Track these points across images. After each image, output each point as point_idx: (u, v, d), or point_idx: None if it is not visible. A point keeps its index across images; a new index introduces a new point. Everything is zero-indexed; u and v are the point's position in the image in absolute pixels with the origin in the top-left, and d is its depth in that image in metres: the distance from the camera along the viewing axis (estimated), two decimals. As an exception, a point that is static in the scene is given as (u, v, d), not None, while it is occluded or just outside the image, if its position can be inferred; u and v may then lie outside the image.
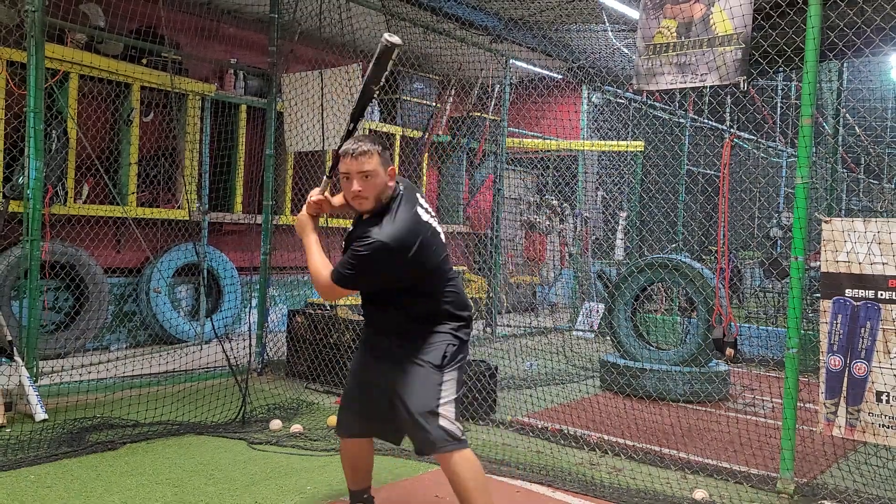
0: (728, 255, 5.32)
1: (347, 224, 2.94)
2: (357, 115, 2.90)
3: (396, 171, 2.85)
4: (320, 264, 2.80)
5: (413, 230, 2.69)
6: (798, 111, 3.81)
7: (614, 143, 9.12)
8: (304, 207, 2.94)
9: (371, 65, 2.82)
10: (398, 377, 2.80)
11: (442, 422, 2.70)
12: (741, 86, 3.97)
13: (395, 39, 2.77)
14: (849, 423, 3.58)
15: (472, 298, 8.55)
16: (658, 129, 9.40)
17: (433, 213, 2.92)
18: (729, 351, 4.86)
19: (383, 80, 2.88)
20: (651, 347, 6.26)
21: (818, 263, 4.00)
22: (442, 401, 2.73)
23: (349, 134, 2.87)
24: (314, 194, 2.92)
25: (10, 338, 4.82)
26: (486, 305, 8.53)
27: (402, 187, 2.84)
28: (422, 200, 2.89)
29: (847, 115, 8.67)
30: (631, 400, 5.48)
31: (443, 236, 2.89)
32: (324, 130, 6.02)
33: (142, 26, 6.68)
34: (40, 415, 4.45)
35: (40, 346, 5.01)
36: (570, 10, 6.83)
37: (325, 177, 2.97)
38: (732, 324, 4.96)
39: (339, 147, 2.80)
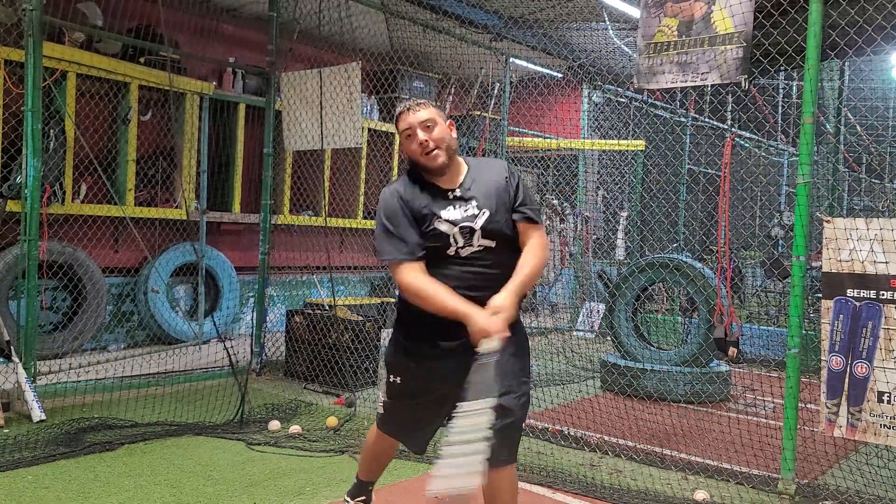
0: (729, 254, 5.30)
1: (346, 223, 2.87)
2: None
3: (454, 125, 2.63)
4: (537, 253, 2.49)
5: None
6: (799, 110, 3.79)
7: (615, 142, 9.09)
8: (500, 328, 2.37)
9: None
10: (506, 386, 2.42)
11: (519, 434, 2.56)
12: (742, 84, 3.95)
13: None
14: (850, 424, 3.56)
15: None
16: (659, 128, 9.37)
17: None
18: (732, 350, 4.84)
19: None
20: (652, 348, 6.24)
21: (820, 263, 3.98)
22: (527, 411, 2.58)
23: None
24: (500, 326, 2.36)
25: (7, 338, 4.81)
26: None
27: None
28: None
29: (849, 114, 8.65)
30: (632, 400, 5.46)
31: None
32: (322, 130, 6.00)
33: (140, 25, 6.66)
34: (38, 415, 4.43)
35: (38, 346, 4.99)
36: (570, 9, 6.80)
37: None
38: (734, 324, 4.94)
39: None
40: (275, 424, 4.58)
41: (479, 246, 2.49)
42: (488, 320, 2.33)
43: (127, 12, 6.42)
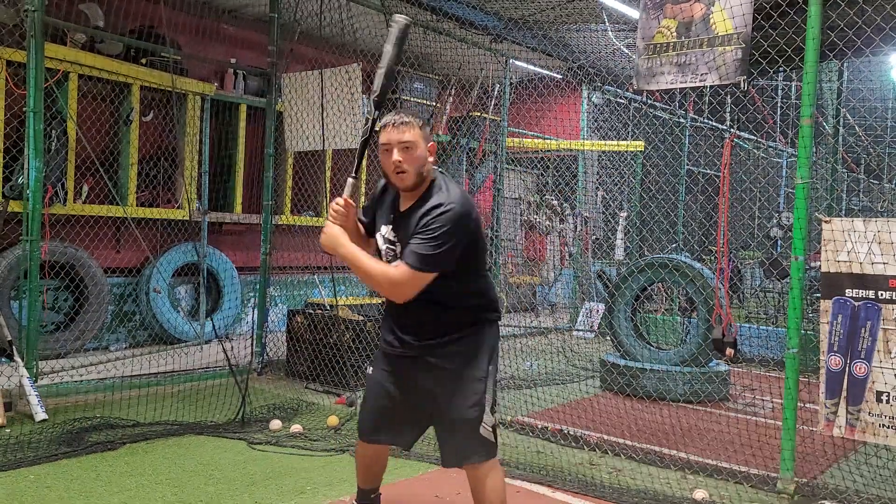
0: (728, 255, 5.32)
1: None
2: (382, 99, 2.77)
3: (435, 149, 2.71)
4: (380, 266, 2.58)
5: (469, 199, 2.63)
6: (798, 111, 3.81)
7: (614, 143, 9.11)
8: (329, 218, 2.70)
9: (392, 46, 2.75)
10: (439, 384, 2.68)
11: (483, 431, 2.64)
12: (741, 85, 3.97)
13: (406, 18, 2.77)
14: (849, 423, 3.57)
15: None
16: (658, 128, 9.39)
17: None
18: (729, 351, 4.86)
19: (398, 60, 2.81)
20: (651, 347, 6.26)
21: (818, 263, 3.99)
22: (486, 411, 2.67)
23: (372, 123, 2.73)
24: (340, 200, 2.71)
25: (9, 338, 4.82)
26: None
27: (437, 169, 2.75)
28: None
29: (847, 114, 8.67)
30: (631, 400, 5.48)
31: None
32: (323, 130, 6.02)
33: (141, 26, 6.67)
34: (40, 415, 4.44)
35: (40, 346, 5.00)
36: (570, 10, 6.82)
37: (349, 178, 2.76)
38: (731, 324, 4.96)
39: (365, 133, 2.70)
40: (276, 424, 4.59)
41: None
42: (337, 206, 2.70)
43: (128, 13, 6.44)
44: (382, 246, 2.74)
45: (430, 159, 2.65)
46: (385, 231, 2.73)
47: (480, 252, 2.70)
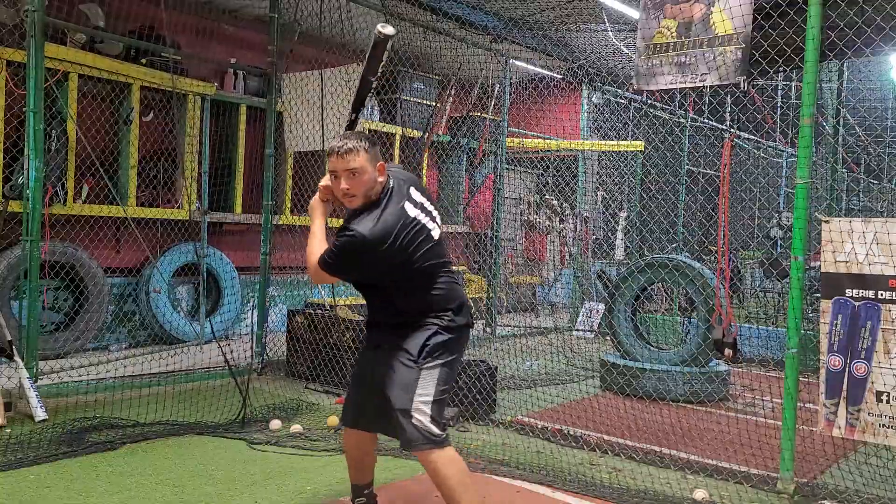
0: (728, 255, 5.32)
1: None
2: (357, 106, 2.91)
3: (385, 167, 2.81)
4: (316, 248, 2.81)
5: (391, 226, 2.67)
6: (798, 111, 3.81)
7: (614, 143, 9.11)
8: (317, 192, 2.93)
9: (367, 56, 2.84)
10: (383, 371, 2.82)
11: (416, 420, 2.71)
12: (741, 86, 3.97)
13: (389, 30, 2.80)
14: (849, 423, 3.57)
15: (472, 298, 8.54)
16: (658, 128, 9.40)
17: (430, 207, 2.88)
18: (728, 352, 4.86)
19: (380, 70, 2.90)
20: (651, 347, 6.26)
21: (818, 263, 4.00)
22: (418, 398, 2.73)
23: (351, 125, 2.89)
24: (324, 181, 2.90)
25: (9, 338, 4.82)
26: (486, 305, 8.53)
27: (392, 183, 2.81)
28: (416, 194, 2.85)
29: (847, 114, 8.67)
30: (631, 400, 5.48)
31: (436, 231, 2.85)
32: (323, 130, 6.02)
33: (142, 26, 6.68)
34: (40, 415, 4.44)
35: (40, 346, 5.00)
36: (570, 10, 6.83)
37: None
38: (732, 324, 4.96)
39: (349, 125, 2.86)
40: (276, 424, 4.59)
41: None
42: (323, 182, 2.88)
43: (128, 13, 6.44)
44: None
45: (381, 179, 2.77)
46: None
47: (415, 271, 2.78)
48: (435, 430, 2.72)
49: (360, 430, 3.01)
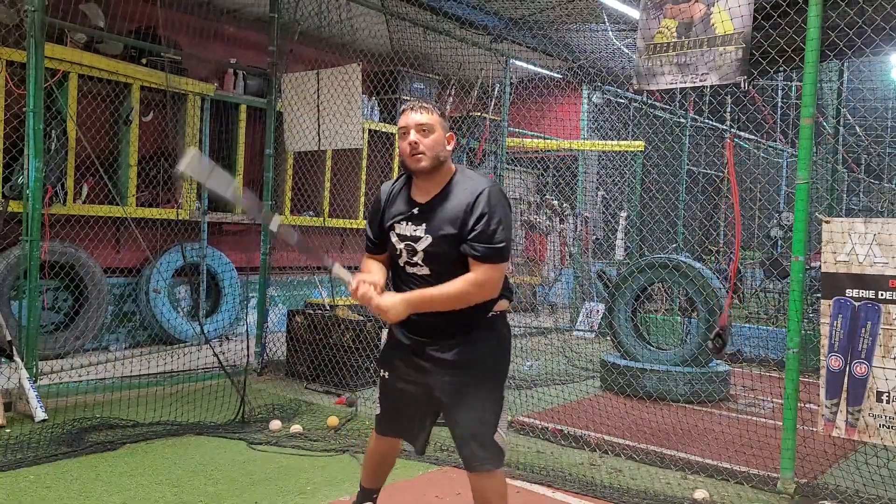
0: (734, 253, 5.32)
1: (347, 224, 2.91)
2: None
3: (454, 138, 2.65)
4: (456, 285, 2.46)
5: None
6: (798, 111, 3.81)
7: (614, 143, 9.11)
8: (372, 302, 2.49)
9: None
10: (455, 389, 2.58)
11: (498, 439, 2.60)
12: (741, 85, 3.97)
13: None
14: (849, 424, 3.57)
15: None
16: (658, 128, 9.39)
17: None
18: (716, 345, 4.88)
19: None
20: (651, 347, 6.25)
21: (818, 263, 3.99)
22: (500, 419, 2.61)
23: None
24: (357, 286, 2.51)
25: (9, 338, 4.82)
26: (486, 305, 8.50)
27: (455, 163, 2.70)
28: None
29: (847, 114, 8.67)
30: (631, 400, 5.47)
31: None
32: (323, 130, 6.02)
33: (141, 26, 6.67)
34: (40, 415, 4.44)
35: (40, 346, 5.00)
36: (570, 10, 6.83)
37: (333, 267, 2.63)
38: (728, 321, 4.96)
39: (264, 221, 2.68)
40: (276, 424, 4.59)
41: (421, 265, 2.58)
42: (363, 289, 2.50)
43: (128, 13, 6.43)
44: (399, 245, 2.60)
45: (449, 148, 2.59)
46: (403, 228, 2.61)
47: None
48: (505, 448, 2.63)
49: (393, 438, 2.87)
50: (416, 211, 2.59)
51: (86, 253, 6.27)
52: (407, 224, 2.60)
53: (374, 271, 2.67)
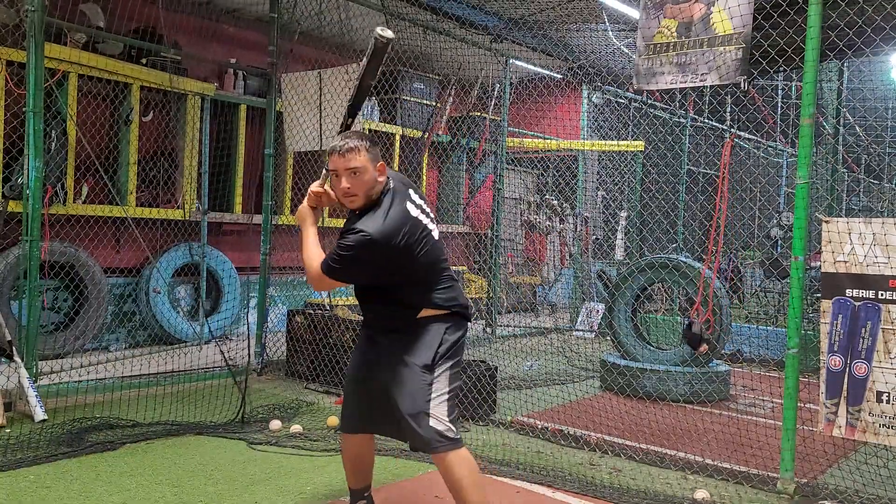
0: (720, 253, 5.32)
1: (343, 224, 2.95)
2: (354, 110, 2.91)
3: (386, 168, 2.82)
4: (314, 255, 2.80)
5: (399, 224, 2.68)
6: (798, 111, 3.81)
7: (614, 143, 9.11)
8: (305, 199, 2.94)
9: (367, 60, 2.84)
10: (390, 376, 2.80)
11: (433, 422, 2.70)
12: (741, 85, 3.96)
13: (389, 34, 2.79)
14: (849, 424, 3.57)
15: (472, 298, 8.54)
16: (658, 128, 9.39)
17: (428, 209, 2.90)
18: (703, 347, 4.88)
19: (378, 74, 2.90)
20: (651, 347, 6.25)
21: (818, 263, 3.99)
22: (433, 401, 2.73)
23: (346, 128, 2.89)
24: (314, 186, 2.91)
25: (9, 338, 4.82)
26: (486, 305, 8.53)
27: (392, 184, 2.82)
28: (414, 196, 2.86)
29: (847, 114, 8.67)
30: (631, 400, 5.47)
31: (435, 233, 2.87)
32: (323, 130, 6.02)
33: (141, 26, 6.67)
34: (39, 415, 4.44)
35: (39, 346, 5.00)
36: (570, 10, 6.83)
37: (324, 169, 2.92)
38: (709, 320, 4.96)
39: (342, 128, 2.85)
40: (276, 424, 4.59)
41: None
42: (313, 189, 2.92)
43: (128, 13, 6.43)
44: None
45: (381, 179, 2.77)
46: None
47: (421, 271, 2.79)
48: (450, 431, 2.72)
49: (361, 435, 2.99)
50: (347, 219, 2.91)
51: (86, 253, 6.27)
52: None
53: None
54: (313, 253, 2.81)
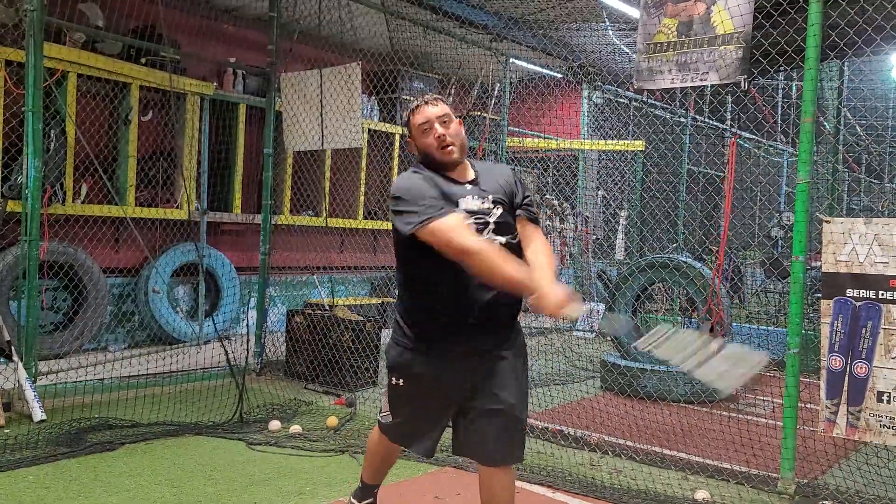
0: (726, 255, 5.32)
1: (347, 223, 2.90)
2: None
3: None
4: (546, 246, 2.51)
5: None
6: (799, 110, 3.80)
7: (615, 142, 9.10)
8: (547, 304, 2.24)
9: None
10: (511, 385, 2.47)
11: (525, 430, 2.58)
12: (742, 85, 3.96)
13: None
14: (850, 424, 3.56)
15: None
16: (658, 128, 9.38)
17: None
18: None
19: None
20: (651, 347, 6.24)
21: (819, 263, 3.98)
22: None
23: None
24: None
25: (8, 338, 4.81)
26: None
27: None
28: None
29: (848, 114, 8.66)
30: (631, 400, 5.47)
31: None
32: (322, 130, 6.01)
33: (141, 26, 6.66)
34: (38, 415, 4.43)
35: (39, 346, 4.99)
36: (570, 9, 6.81)
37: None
38: (722, 320, 4.95)
39: None
40: (275, 424, 4.58)
41: (493, 237, 2.44)
42: (558, 292, 2.19)
43: (128, 13, 6.42)
44: (469, 220, 2.41)
45: (463, 133, 2.60)
46: (469, 203, 2.46)
47: None
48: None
49: (407, 447, 2.75)
50: (473, 186, 2.50)
51: (85, 253, 6.26)
52: (472, 198, 2.47)
53: (503, 252, 2.33)
54: (547, 248, 2.49)
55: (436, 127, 2.50)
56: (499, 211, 2.49)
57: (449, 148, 2.49)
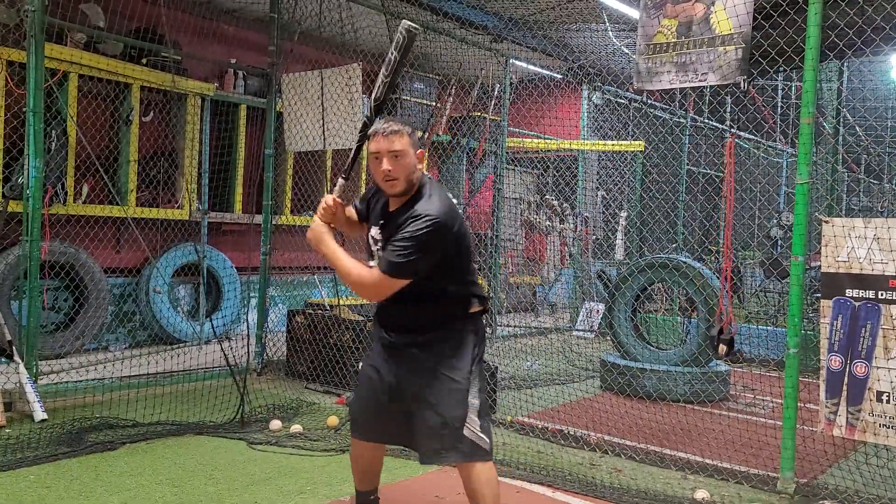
0: (726, 255, 5.33)
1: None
2: (382, 105, 2.84)
3: (423, 155, 2.76)
4: (356, 266, 2.63)
5: (453, 208, 2.65)
6: (798, 111, 3.81)
7: (614, 143, 9.11)
8: (317, 214, 2.77)
9: (398, 55, 2.85)
10: (424, 384, 2.69)
11: (467, 432, 2.63)
12: (741, 85, 3.97)
13: (414, 28, 2.83)
14: (849, 423, 3.57)
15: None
16: (658, 128, 9.39)
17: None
18: (722, 348, 4.87)
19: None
20: (651, 347, 6.25)
21: (818, 263, 3.99)
22: (470, 411, 2.65)
23: (367, 124, 2.78)
24: (328, 199, 2.75)
25: (9, 338, 4.82)
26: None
27: (425, 174, 2.79)
28: None
29: (847, 114, 8.67)
30: (631, 400, 5.47)
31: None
32: (323, 130, 6.02)
33: (142, 26, 6.67)
34: (40, 415, 4.44)
35: (40, 346, 5.00)
36: (570, 10, 6.82)
37: (339, 178, 2.82)
38: (732, 323, 4.96)
39: (360, 138, 2.76)
40: (276, 424, 4.59)
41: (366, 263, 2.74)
42: (327, 202, 2.75)
43: (129, 13, 6.43)
44: (373, 246, 2.81)
45: (419, 166, 2.71)
46: (374, 231, 2.81)
47: (465, 258, 2.73)
48: (485, 440, 2.66)
49: (373, 441, 2.91)
50: (382, 219, 2.77)
51: (86, 253, 6.27)
52: (377, 229, 2.79)
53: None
54: (351, 264, 2.63)
55: (384, 161, 2.64)
56: (382, 245, 2.75)
57: (391, 182, 2.65)
